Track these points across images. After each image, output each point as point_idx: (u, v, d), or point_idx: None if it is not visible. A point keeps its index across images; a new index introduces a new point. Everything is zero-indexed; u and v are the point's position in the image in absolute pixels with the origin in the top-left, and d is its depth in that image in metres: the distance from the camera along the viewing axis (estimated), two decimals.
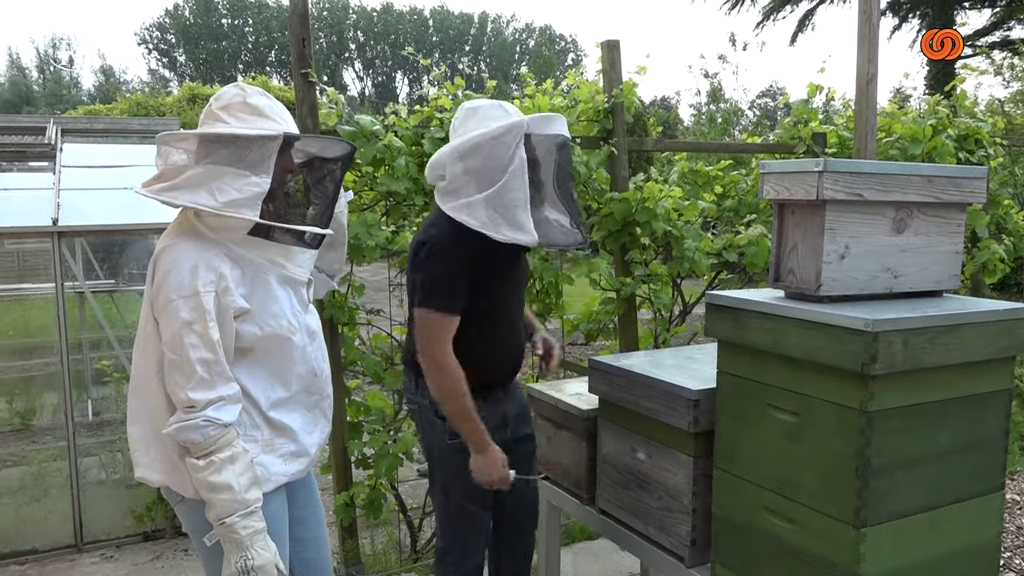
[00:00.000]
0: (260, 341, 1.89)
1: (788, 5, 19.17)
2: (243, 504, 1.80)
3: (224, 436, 1.80)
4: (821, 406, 1.77)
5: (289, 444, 2.00)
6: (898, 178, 1.87)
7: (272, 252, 1.91)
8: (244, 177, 1.78)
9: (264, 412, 1.94)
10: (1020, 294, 9.69)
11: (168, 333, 1.80)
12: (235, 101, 1.85)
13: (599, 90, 3.79)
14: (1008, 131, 9.43)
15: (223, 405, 1.80)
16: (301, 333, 1.99)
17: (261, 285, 1.90)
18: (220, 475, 1.77)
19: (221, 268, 1.82)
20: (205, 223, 1.85)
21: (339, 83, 60.94)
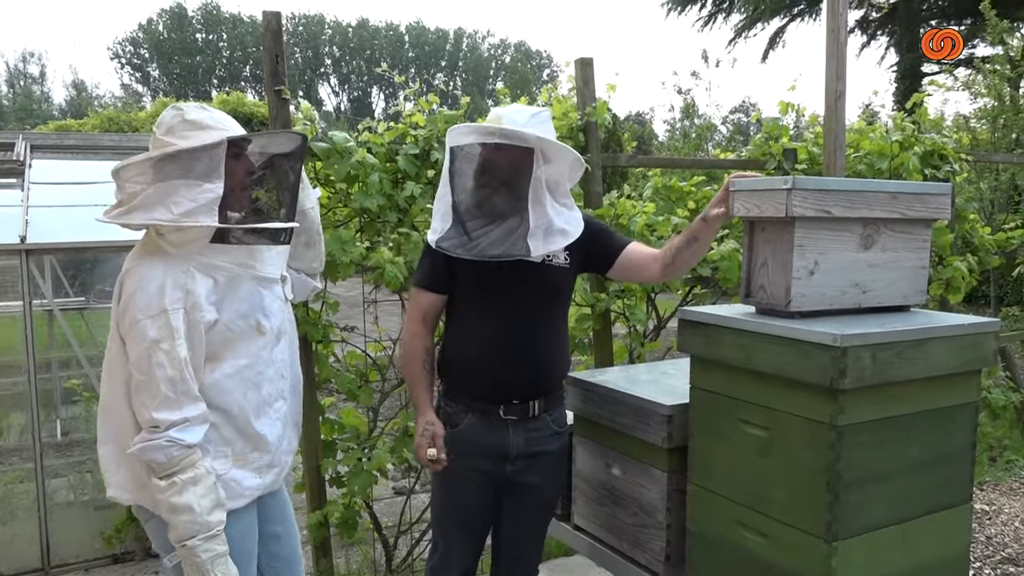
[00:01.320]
0: (231, 345, 1.90)
1: (759, 23, 19.47)
2: (204, 526, 1.80)
3: (187, 457, 1.79)
4: (792, 421, 1.79)
5: (263, 456, 1.99)
6: (865, 195, 1.90)
7: (239, 255, 1.93)
8: (197, 186, 1.79)
9: (237, 423, 1.93)
10: (988, 306, 9.86)
11: (135, 353, 1.79)
12: (175, 122, 1.86)
13: (573, 107, 3.82)
14: (973, 147, 9.63)
15: (188, 426, 1.80)
16: (271, 333, 2.00)
17: (232, 290, 1.91)
18: (181, 496, 1.78)
19: (188, 284, 1.82)
20: (168, 240, 1.85)
21: (315, 98, 60.80)
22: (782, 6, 18.47)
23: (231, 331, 1.90)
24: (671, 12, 20.44)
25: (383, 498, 4.40)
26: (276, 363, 2.02)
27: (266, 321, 1.98)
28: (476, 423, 2.22)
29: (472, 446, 2.21)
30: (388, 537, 3.57)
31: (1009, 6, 16.21)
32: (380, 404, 3.45)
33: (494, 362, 2.19)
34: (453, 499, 2.29)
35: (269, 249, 2.01)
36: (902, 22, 17.41)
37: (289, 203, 1.98)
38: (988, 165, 9.67)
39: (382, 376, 3.42)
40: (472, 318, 2.23)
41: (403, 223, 3.29)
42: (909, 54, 17.11)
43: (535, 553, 2.42)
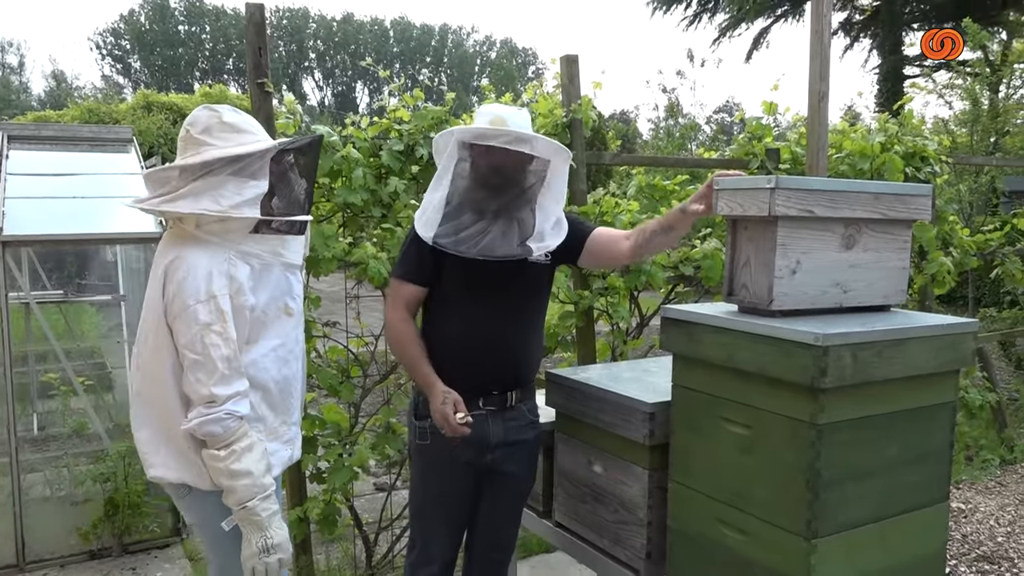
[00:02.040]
0: (265, 326, 2.07)
1: (743, 23, 19.52)
2: (262, 488, 1.97)
3: (241, 427, 1.97)
4: (773, 419, 1.80)
5: (291, 428, 2.19)
6: (847, 195, 1.91)
7: (272, 244, 2.10)
8: (244, 183, 1.98)
9: (272, 398, 2.10)
10: (966, 307, 9.98)
11: (187, 336, 1.94)
12: (212, 123, 2.02)
13: (558, 104, 3.82)
14: (953, 150, 9.72)
15: (240, 399, 1.97)
16: (298, 315, 2.21)
17: (266, 275, 2.08)
18: (241, 463, 1.94)
19: (232, 271, 1.99)
20: (207, 230, 2.00)
21: (299, 92, 60.34)
22: (766, 7, 18.55)
23: (266, 314, 2.07)
24: (656, 11, 20.46)
25: (364, 494, 4.39)
26: (300, 342, 2.24)
27: (293, 304, 2.17)
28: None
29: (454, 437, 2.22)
30: (369, 533, 3.56)
31: (989, 11, 16.43)
32: (362, 400, 3.43)
33: (478, 354, 2.24)
34: (436, 492, 2.30)
35: (294, 239, 2.19)
36: (885, 25, 17.54)
37: (309, 198, 2.21)
38: (967, 168, 9.78)
39: (364, 372, 3.40)
40: (456, 311, 2.24)
41: (387, 219, 3.27)
42: (891, 56, 17.25)
43: (512, 541, 2.47)
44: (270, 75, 3.11)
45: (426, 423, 2.25)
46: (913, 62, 18.03)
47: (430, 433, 2.24)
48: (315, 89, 63.53)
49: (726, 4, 19.44)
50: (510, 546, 2.46)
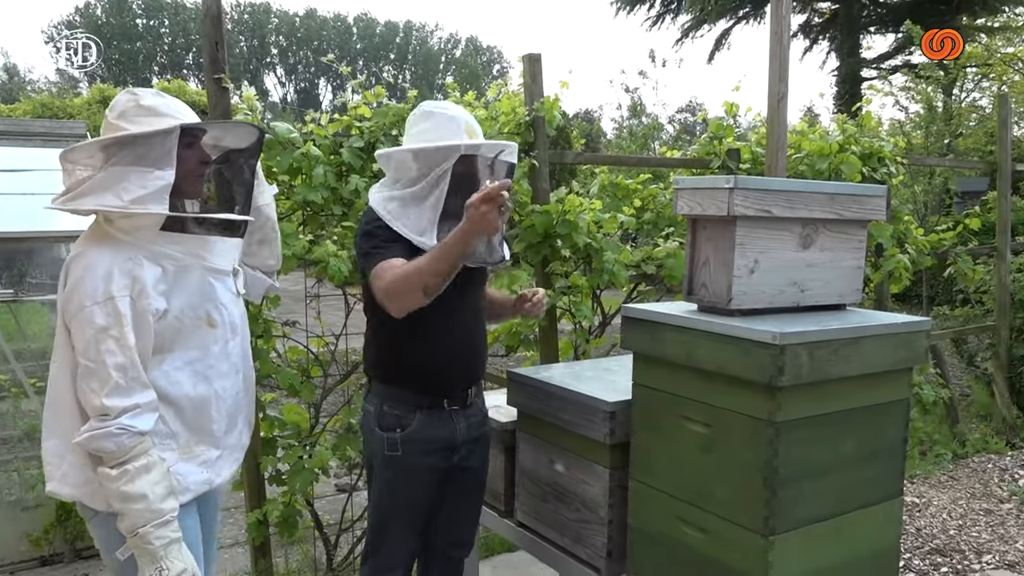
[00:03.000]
0: (180, 336, 1.87)
1: (706, 24, 19.75)
2: (158, 513, 1.76)
3: (139, 445, 1.75)
4: (732, 417, 1.81)
5: (210, 450, 1.95)
6: (804, 195, 1.94)
7: (190, 245, 1.89)
8: (148, 173, 1.77)
9: (185, 415, 1.89)
10: (921, 305, 10.20)
11: (82, 340, 1.75)
12: (129, 107, 1.84)
13: (520, 103, 3.81)
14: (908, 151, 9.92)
15: (139, 413, 1.76)
16: (224, 328, 1.96)
17: (183, 280, 1.87)
18: (134, 484, 1.73)
19: (135, 271, 1.79)
20: (117, 227, 1.82)
21: (260, 88, 59.58)
22: (728, 8, 18.78)
23: (181, 322, 1.86)
24: (620, 11, 20.60)
25: (325, 495, 4.34)
26: (231, 357, 1.99)
27: (217, 314, 1.94)
28: (424, 420, 2.21)
29: (425, 444, 2.20)
30: (330, 535, 3.52)
31: (942, 15, 16.80)
32: (322, 400, 3.39)
33: (449, 355, 2.23)
34: (406, 501, 2.25)
35: (223, 241, 1.98)
36: (843, 28, 17.87)
37: (243, 196, 1.97)
38: (922, 169, 9.99)
39: (324, 372, 3.36)
40: (423, 314, 2.14)
41: (348, 217, 3.24)
42: (849, 59, 17.57)
43: (472, 537, 2.46)
44: (228, 70, 3.05)
45: (395, 433, 2.19)
46: (870, 64, 18.40)
47: (400, 443, 2.19)
48: (277, 85, 62.77)
49: (688, 5, 19.63)
50: (471, 542, 2.46)
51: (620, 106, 27.33)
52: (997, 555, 3.73)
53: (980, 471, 4.96)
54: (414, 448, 2.19)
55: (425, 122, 2.23)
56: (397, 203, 2.17)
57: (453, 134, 2.18)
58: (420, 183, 2.14)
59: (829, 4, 18.93)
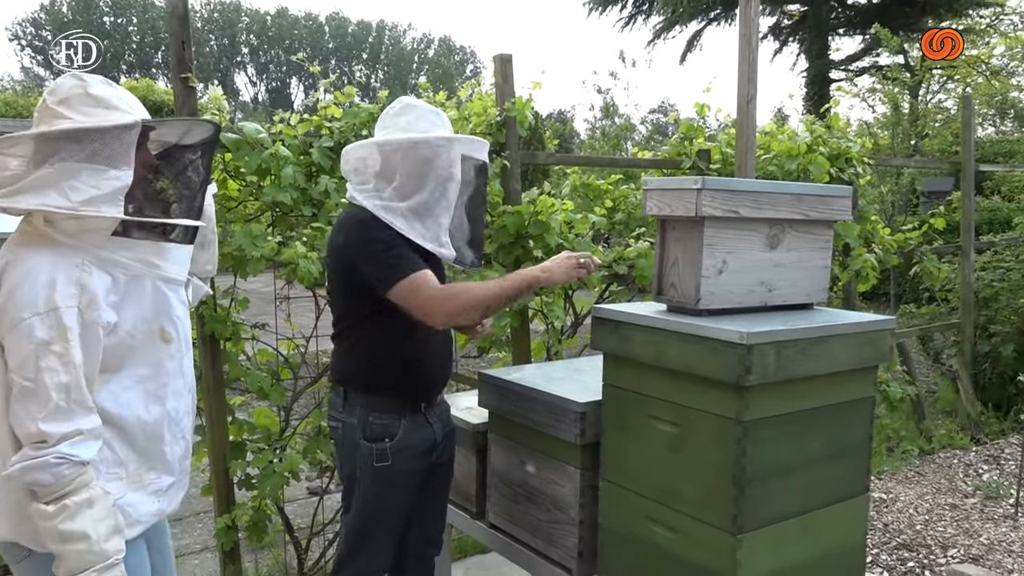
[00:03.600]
0: (126, 352, 1.68)
1: (677, 25, 19.90)
2: (101, 556, 1.55)
3: (80, 476, 1.55)
4: (700, 417, 1.82)
5: (163, 477, 1.78)
6: (771, 196, 1.95)
7: (144, 252, 1.71)
8: (102, 172, 1.59)
9: (135, 440, 1.71)
10: (888, 304, 10.36)
11: (19, 357, 1.55)
12: (75, 93, 1.64)
13: (493, 103, 3.80)
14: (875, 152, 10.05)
15: (81, 440, 1.55)
16: (179, 342, 1.80)
17: (135, 290, 1.70)
18: (74, 522, 1.53)
19: (83, 280, 1.60)
20: (60, 228, 1.62)
21: (231, 87, 58.96)
22: (699, 10, 18.93)
23: (133, 338, 1.68)
24: (592, 12, 20.69)
25: (297, 499, 4.30)
26: (184, 375, 1.83)
27: (172, 328, 1.78)
28: (410, 426, 2.19)
29: (413, 450, 2.19)
30: (300, 539, 3.49)
31: (908, 18, 17.07)
32: (292, 403, 3.36)
33: (433, 360, 2.24)
34: (394, 507, 2.21)
35: (177, 249, 1.80)
36: (812, 30, 18.10)
37: (199, 200, 1.79)
38: (889, 169, 10.13)
39: (295, 374, 3.33)
40: (405, 321, 2.09)
41: (317, 218, 3.21)
42: (818, 61, 17.81)
43: (441, 532, 2.47)
44: (198, 69, 3.01)
45: (385, 443, 2.14)
46: (839, 66, 18.66)
47: (391, 453, 2.14)
48: (248, 84, 62.15)
49: (660, 6, 19.76)
50: (441, 540, 2.47)
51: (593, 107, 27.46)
52: (962, 549, 3.79)
53: (946, 467, 5.05)
54: (404, 456, 2.16)
55: (408, 115, 2.15)
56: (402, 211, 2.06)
57: (444, 127, 2.15)
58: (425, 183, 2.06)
59: (798, 6, 19.17)
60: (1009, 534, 3.95)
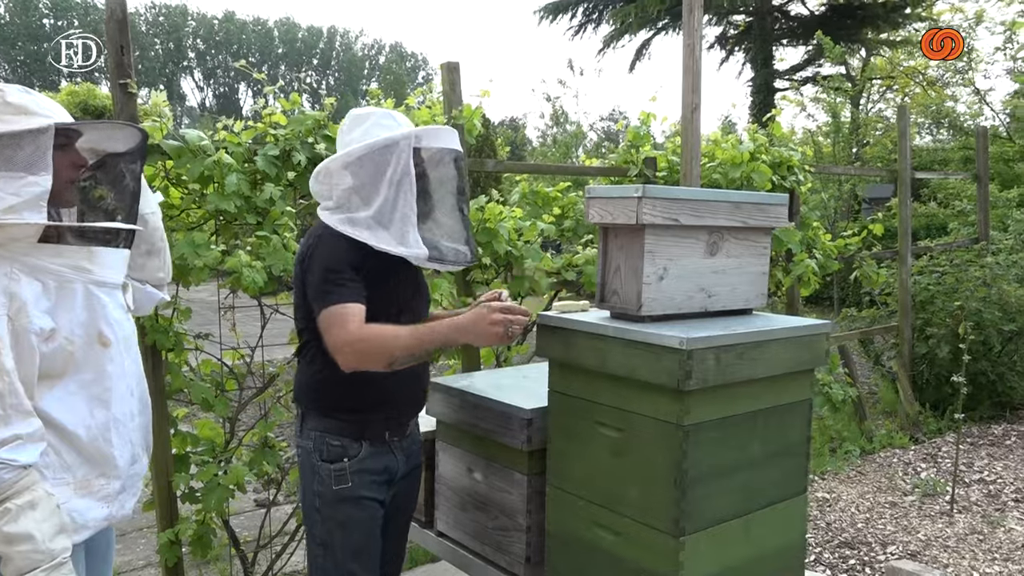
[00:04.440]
0: (67, 358, 1.70)
1: (627, 34, 20.15)
2: (47, 555, 1.59)
3: (22, 479, 1.59)
4: (643, 422, 1.85)
5: (111, 482, 1.80)
6: (709, 204, 1.99)
7: (73, 257, 1.73)
8: (20, 178, 1.61)
9: (81, 445, 1.73)
10: (832, 307, 10.63)
11: None
12: None
13: (441, 111, 3.81)
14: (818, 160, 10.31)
15: (20, 444, 1.59)
16: (118, 345, 1.81)
17: (67, 296, 1.71)
18: (18, 524, 1.57)
19: (12, 288, 1.62)
20: None
21: (177, 93, 57.91)
22: (647, 20, 19.20)
23: (72, 343, 1.71)
24: (543, 20, 20.83)
25: (244, 511, 4.23)
26: (127, 377, 1.84)
27: (109, 331, 1.79)
28: (369, 451, 2.08)
29: (371, 474, 2.08)
30: (247, 552, 3.43)
31: (849, 29, 17.58)
32: (237, 415, 3.31)
33: (397, 382, 2.06)
34: (362, 537, 2.08)
35: (109, 252, 1.82)
36: (756, 40, 18.51)
37: (126, 204, 1.81)
38: (832, 176, 10.40)
39: (240, 385, 3.28)
40: None
41: (262, 226, 3.17)
42: (763, 70, 18.22)
43: (402, 558, 2.39)
44: (144, 74, 2.96)
45: (344, 464, 2.03)
46: (783, 75, 19.12)
47: (350, 473, 2.03)
48: (195, 90, 61.08)
49: (610, 16, 20.00)
50: (400, 567, 2.37)
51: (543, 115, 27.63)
52: (900, 545, 3.91)
53: (886, 466, 5.19)
54: (363, 479, 2.05)
55: (361, 125, 2.07)
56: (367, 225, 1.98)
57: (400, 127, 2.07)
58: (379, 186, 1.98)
59: (744, 17, 19.59)
60: (945, 530, 4.08)
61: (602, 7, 20.34)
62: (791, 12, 19.38)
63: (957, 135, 14.26)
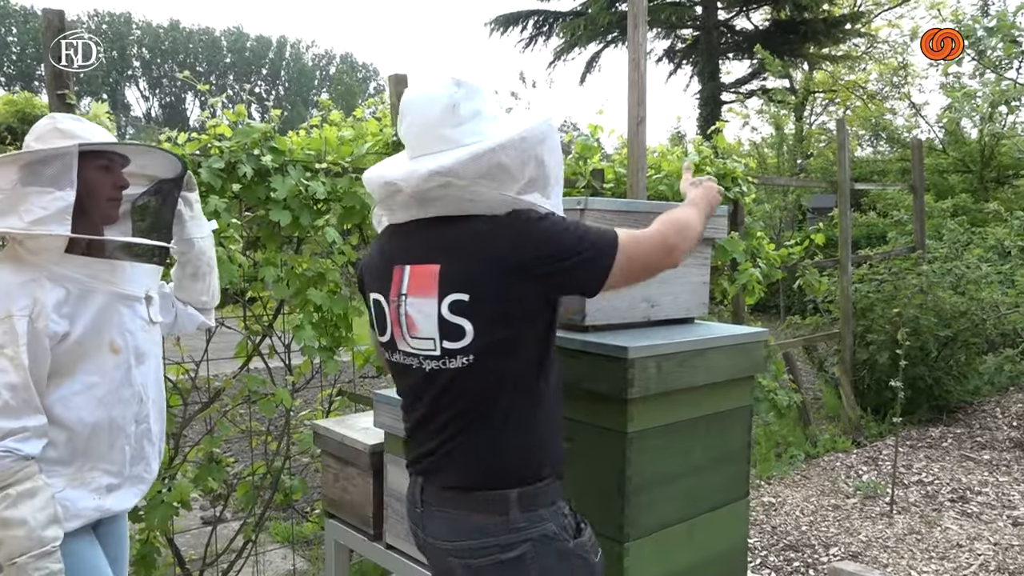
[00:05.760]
0: (75, 359, 1.83)
1: (577, 47, 20.38)
2: (38, 542, 1.70)
3: (24, 469, 1.71)
4: (588, 430, 1.88)
5: (104, 477, 1.90)
6: (649, 216, 2.03)
7: (96, 268, 1.88)
8: (48, 193, 1.78)
9: (79, 441, 1.85)
10: (778, 315, 10.87)
11: None
12: (46, 131, 1.86)
13: (389, 123, 3.81)
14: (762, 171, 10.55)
15: (27, 437, 1.72)
16: (127, 353, 1.93)
17: (86, 304, 1.85)
18: (16, 509, 1.69)
19: (36, 292, 1.78)
20: (25, 247, 1.82)
21: (121, 102, 56.70)
22: (597, 33, 19.45)
23: (82, 346, 1.83)
24: (494, 32, 20.94)
25: (190, 529, 4.14)
26: (134, 386, 1.95)
27: (121, 340, 1.91)
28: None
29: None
30: (192, 571, 3.37)
31: (792, 44, 18.06)
32: (183, 430, 3.25)
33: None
34: None
35: (134, 267, 1.97)
36: (703, 54, 18.89)
37: (157, 224, 2.00)
38: (777, 187, 10.65)
39: (184, 400, 3.23)
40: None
41: None
42: (710, 83, 18.60)
43: None
44: (82, 83, 2.90)
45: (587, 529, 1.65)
46: (729, 88, 19.55)
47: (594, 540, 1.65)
48: (140, 99, 59.85)
49: (560, 29, 20.21)
50: None
51: None
52: (842, 547, 4.01)
53: (829, 469, 5.32)
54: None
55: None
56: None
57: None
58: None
59: (691, 31, 19.98)
60: (885, 531, 4.20)
61: (552, 20, 20.54)
62: (736, 27, 19.85)
63: (895, 147, 14.75)
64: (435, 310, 1.54)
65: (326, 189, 3.32)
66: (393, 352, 1.67)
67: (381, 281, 1.66)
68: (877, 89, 16.76)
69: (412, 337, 1.59)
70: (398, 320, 1.61)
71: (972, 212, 10.07)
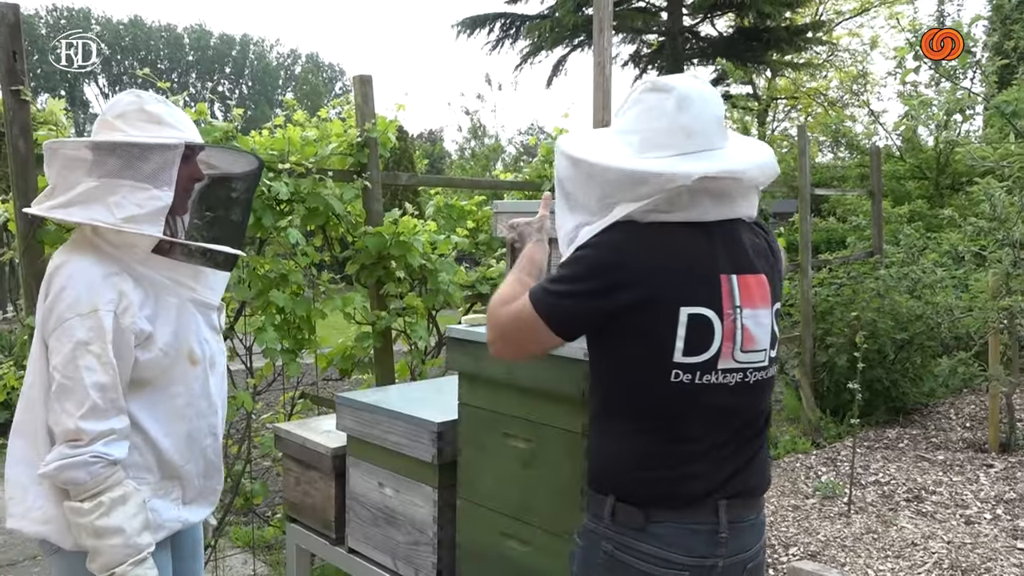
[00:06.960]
0: (161, 369, 1.75)
1: (543, 50, 20.45)
2: (135, 549, 1.63)
3: (114, 474, 1.63)
4: (550, 432, 1.88)
5: (178, 489, 1.84)
6: None
7: (179, 272, 1.79)
8: (144, 190, 1.67)
9: (158, 451, 1.77)
10: None
11: (60, 355, 1.62)
12: (130, 109, 1.73)
13: (354, 123, 3.79)
14: None
15: (114, 440, 1.64)
16: (205, 363, 1.86)
17: (165, 308, 1.76)
18: (110, 518, 1.60)
19: (122, 286, 1.68)
20: (105, 239, 1.71)
21: (80, 99, 55.53)
22: (563, 36, 19.53)
23: (166, 355, 1.75)
24: (461, 34, 20.93)
25: None
26: (210, 396, 1.89)
27: (199, 349, 1.84)
28: None
29: None
30: None
31: (755, 51, 18.34)
32: None
33: None
34: None
35: (214, 273, 1.88)
36: (668, 59, 19.06)
37: (234, 226, 1.91)
38: None
39: None
40: None
41: None
42: None
43: None
44: (41, 79, 2.84)
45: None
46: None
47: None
48: (99, 97, 58.65)
49: (527, 32, 20.26)
50: None
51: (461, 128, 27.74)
52: (802, 546, 4.07)
53: (789, 470, 5.41)
54: None
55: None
56: None
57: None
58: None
59: (656, 36, 20.17)
60: (843, 530, 4.27)
61: (519, 23, 20.58)
62: (701, 33, 20.07)
63: (854, 154, 15.03)
64: (769, 320, 1.51)
65: (289, 190, 3.30)
66: (705, 372, 1.44)
67: (703, 292, 1.44)
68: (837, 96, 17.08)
69: (743, 351, 1.47)
70: (733, 334, 1.45)
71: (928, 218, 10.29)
